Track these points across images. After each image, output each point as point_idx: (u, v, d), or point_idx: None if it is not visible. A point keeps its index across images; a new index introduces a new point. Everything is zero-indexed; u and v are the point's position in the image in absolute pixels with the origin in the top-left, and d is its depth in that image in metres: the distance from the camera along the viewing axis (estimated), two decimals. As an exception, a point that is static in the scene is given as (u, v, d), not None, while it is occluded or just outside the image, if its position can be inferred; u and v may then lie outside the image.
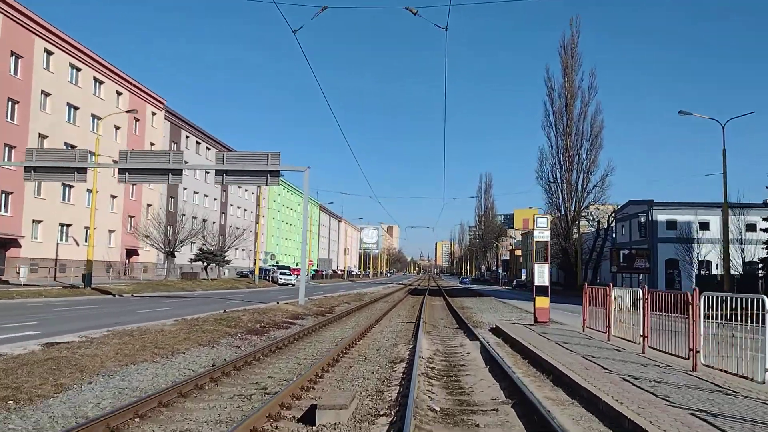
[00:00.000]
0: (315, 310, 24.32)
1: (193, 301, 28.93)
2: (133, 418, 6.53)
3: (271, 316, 20.11)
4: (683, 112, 31.69)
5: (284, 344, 13.43)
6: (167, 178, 26.65)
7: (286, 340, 13.94)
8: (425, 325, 19.56)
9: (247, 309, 21.80)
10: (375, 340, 15.19)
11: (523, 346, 12.32)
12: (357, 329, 17.32)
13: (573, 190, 65.01)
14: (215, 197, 72.54)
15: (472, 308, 29.97)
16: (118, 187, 48.41)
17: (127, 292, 34.91)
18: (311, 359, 11.65)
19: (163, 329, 14.55)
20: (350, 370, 10.49)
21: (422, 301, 33.57)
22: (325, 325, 18.67)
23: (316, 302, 29.21)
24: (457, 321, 21.57)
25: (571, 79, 65.84)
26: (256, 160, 26.31)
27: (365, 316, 23.11)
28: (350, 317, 22.59)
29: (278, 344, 13.10)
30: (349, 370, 10.49)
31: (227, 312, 20.15)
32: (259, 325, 17.16)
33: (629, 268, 43.64)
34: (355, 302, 32.62)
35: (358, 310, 26.52)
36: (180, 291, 38.94)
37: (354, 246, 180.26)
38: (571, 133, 65.50)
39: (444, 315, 25.42)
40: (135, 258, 51.41)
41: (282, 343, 13.37)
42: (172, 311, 22.14)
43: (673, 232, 61.35)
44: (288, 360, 11.52)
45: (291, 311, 22.62)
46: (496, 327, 17.21)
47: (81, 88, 43.48)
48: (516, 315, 24.34)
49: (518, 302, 36.75)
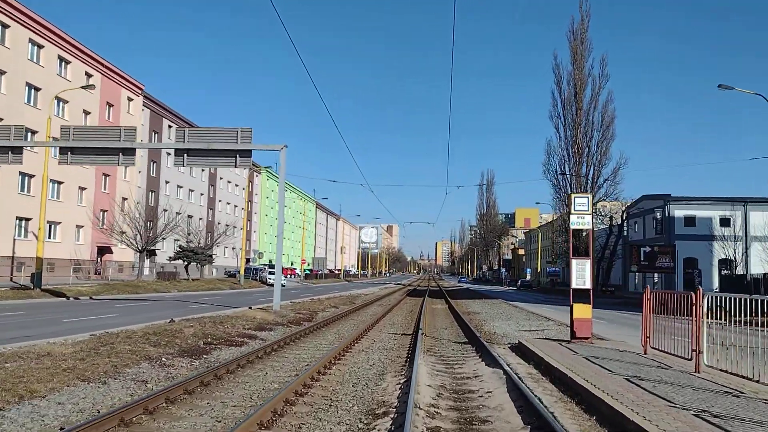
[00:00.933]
0: (291, 318, 20.01)
1: (152, 306, 24.64)
2: None
3: (229, 327, 15.80)
4: (723, 86, 27.43)
5: (218, 376, 9.14)
6: (117, 159, 22.35)
7: (226, 367, 9.67)
8: (425, 338, 15.26)
9: (204, 317, 17.50)
10: (355, 366, 10.89)
11: (575, 383, 8.02)
12: (335, 346, 13.05)
13: (583, 184, 60.80)
14: (202, 192, 68.20)
15: (480, 314, 25.66)
16: (88, 178, 44.10)
17: (86, 294, 30.65)
18: (242, 408, 7.36)
19: (52, 351, 10.25)
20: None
21: (422, 304, 29.28)
22: (296, 340, 14.37)
23: (296, 307, 24.91)
24: (465, 332, 17.26)
25: (580, 65, 61.35)
26: (224, 138, 22.02)
27: (351, 325, 18.80)
28: (332, 327, 18.28)
29: (209, 376, 8.83)
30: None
31: (174, 322, 15.86)
32: (203, 342, 12.85)
33: (650, 267, 39.38)
34: (344, 306, 28.33)
35: (345, 316, 22.23)
36: (151, 293, 34.67)
37: (353, 245, 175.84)
38: (580, 124, 61.22)
39: (448, 323, 21.11)
40: (108, 256, 47.08)
41: (216, 375, 9.09)
42: (112, 320, 17.83)
43: (692, 228, 57.21)
44: (201, 412, 7.20)
45: (259, 320, 18.32)
46: (520, 344, 12.90)
47: (43, 68, 39.14)
48: (536, 324, 20.01)
49: (532, 306, 32.43)
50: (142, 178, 53.53)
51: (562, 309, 30.74)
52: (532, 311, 26.91)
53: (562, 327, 18.33)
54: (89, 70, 44.06)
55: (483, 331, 17.62)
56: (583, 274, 12.46)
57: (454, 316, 23.70)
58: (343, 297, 36.76)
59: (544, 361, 10.09)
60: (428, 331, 17.77)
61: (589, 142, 61.19)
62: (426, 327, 18.70)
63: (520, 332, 17.10)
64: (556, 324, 19.44)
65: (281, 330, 16.63)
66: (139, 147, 23.97)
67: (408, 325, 19.42)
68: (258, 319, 18.47)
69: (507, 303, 34.43)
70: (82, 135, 22.51)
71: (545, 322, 20.32)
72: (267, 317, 19.09)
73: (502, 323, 20.36)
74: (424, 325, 18.89)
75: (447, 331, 17.94)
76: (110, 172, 46.62)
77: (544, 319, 21.77)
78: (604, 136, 60.40)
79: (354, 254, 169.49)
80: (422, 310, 24.47)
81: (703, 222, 57.20)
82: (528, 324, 19.89)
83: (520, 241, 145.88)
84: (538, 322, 20.47)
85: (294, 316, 20.60)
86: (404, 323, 20.30)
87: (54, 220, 40.11)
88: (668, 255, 39.13)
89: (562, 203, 63.21)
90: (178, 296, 33.05)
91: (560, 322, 20.23)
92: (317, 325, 17.69)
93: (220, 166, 22.53)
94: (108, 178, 46.65)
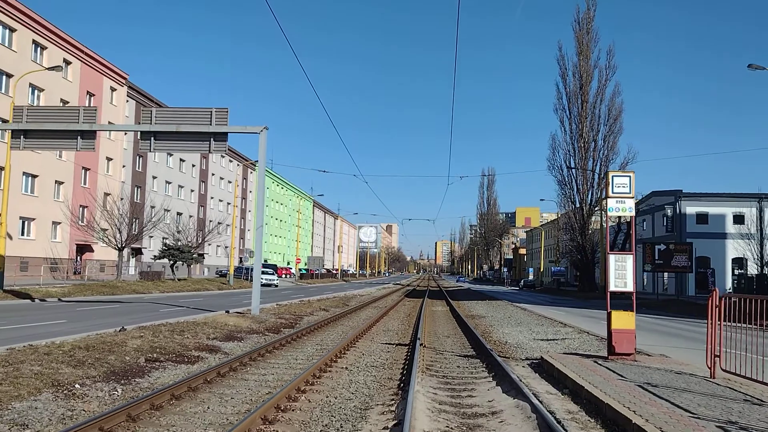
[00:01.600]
0: (270, 324, 17.39)
1: (118, 309, 22.01)
2: None
3: (190, 336, 13.20)
4: (754, 66, 24.85)
5: (132, 417, 6.50)
6: (76, 143, 19.72)
7: (151, 401, 7.03)
8: (423, 351, 12.64)
9: (163, 324, 14.90)
10: (332, 395, 8.26)
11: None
12: (313, 362, 10.47)
13: (589, 179, 58.24)
14: (192, 188, 65.53)
15: (485, 318, 23.05)
16: (66, 172, 41.47)
17: (55, 295, 27.98)
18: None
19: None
20: None
21: (421, 307, 26.68)
22: (267, 354, 11.74)
23: (280, 310, 22.31)
24: (471, 341, 14.64)
25: (586, 56, 59.03)
26: (196, 119, 19.41)
27: (339, 333, 16.19)
28: (316, 335, 15.66)
29: (118, 417, 6.21)
30: None
31: (124, 330, 13.26)
32: (146, 359, 10.24)
33: (666, 266, 36.75)
34: (335, 309, 25.73)
35: (334, 321, 19.62)
36: (129, 294, 32.01)
37: (352, 244, 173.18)
38: (586, 117, 58.74)
39: (450, 330, 18.48)
40: (89, 255, 44.44)
41: (129, 415, 6.46)
42: (56, 328, 15.17)
43: (704, 226, 54.60)
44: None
45: (231, 326, 15.71)
46: (543, 361, 10.29)
47: (16, 53, 36.52)
48: (552, 331, 17.37)
49: (540, 308, 29.82)
50: (127, 173, 50.91)
51: (574, 312, 28.15)
52: (543, 315, 24.29)
53: (584, 336, 15.72)
54: (68, 56, 41.43)
55: (492, 340, 15.02)
56: (623, 273, 9.86)
57: (457, 321, 21.10)
58: (337, 298, 34.16)
59: (585, 391, 7.47)
60: (428, 340, 15.17)
61: (595, 136, 58.62)
62: (425, 335, 16.10)
63: (536, 342, 14.48)
64: (576, 331, 16.83)
65: (253, 340, 14.01)
66: (100, 129, 21.32)
67: (404, 333, 16.82)
68: (230, 325, 15.86)
69: (513, 305, 31.81)
70: (37, 116, 19.87)
71: (562, 329, 17.71)
72: (241, 323, 16.46)
73: (513, 330, 17.73)
74: (423, 333, 16.29)
75: (450, 340, 15.32)
76: (90, 166, 43.97)
77: (560, 325, 19.16)
78: (612, 129, 57.80)
79: (353, 254, 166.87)
80: (421, 314, 21.88)
81: (716, 219, 54.60)
82: (543, 331, 17.26)
83: (522, 241, 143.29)
84: (554, 329, 17.84)
85: (274, 322, 17.97)
86: (400, 330, 17.70)
87: (27, 216, 37.52)
88: (685, 253, 36.48)
89: (567, 200, 60.56)
90: (157, 298, 30.44)
91: (580, 329, 17.62)
92: (299, 333, 15.07)
93: (192, 151, 19.92)
94: (88, 172, 44.00)
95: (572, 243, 59.10)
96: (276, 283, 54.08)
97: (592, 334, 15.98)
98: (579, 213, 57.59)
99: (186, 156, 62.66)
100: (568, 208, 60.15)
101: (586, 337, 15.38)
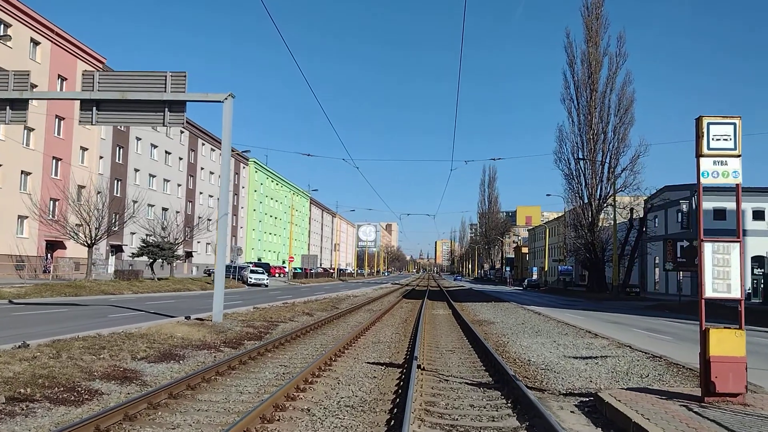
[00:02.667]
0: (232, 335, 14.03)
1: (63, 314, 18.63)
2: None
3: (108, 357, 9.85)
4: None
5: None
6: (5, 115, 16.36)
7: None
8: (422, 377, 9.29)
9: (87, 338, 11.58)
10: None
11: None
12: (263, 400, 7.14)
13: (598, 173, 54.91)
14: (179, 183, 62.14)
15: (494, 323, 19.68)
16: (33, 162, 38.10)
17: (8, 296, 24.67)
18: None
19: None
20: None
21: (419, 310, 23.34)
22: (204, 383, 8.39)
23: (253, 316, 18.95)
24: (485, 361, 11.27)
25: (595, 43, 55.72)
26: (148, 84, 16.04)
27: (316, 347, 12.84)
28: (286, 350, 12.29)
29: None
30: None
31: (25, 347, 9.94)
32: (9, 397, 6.88)
33: (689, 265, 33.33)
34: (322, 313, 22.40)
35: (315, 329, 16.27)
36: (97, 295, 28.67)
37: (351, 243, 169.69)
38: (595, 107, 55.42)
39: (455, 340, 15.10)
40: (61, 252, 41.10)
41: None
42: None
43: (722, 222, 51.19)
44: None
45: (178, 339, 12.35)
46: (603, 403, 6.90)
47: (-27, 29, 33.22)
48: (582, 344, 13.96)
49: (554, 312, 26.48)
50: (105, 164, 47.52)
51: (593, 316, 24.77)
52: (561, 320, 20.95)
53: (627, 352, 12.36)
54: (36, 36, 38.05)
55: (510, 357, 11.68)
56: (726, 271, 6.51)
57: (462, 329, 17.76)
58: (327, 300, 30.82)
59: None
60: (427, 356, 11.81)
61: (605, 127, 55.21)
62: (424, 349, 12.75)
63: (568, 361, 11.12)
64: (614, 345, 13.45)
65: (198, 359, 10.64)
66: (32, 98, 17.94)
67: (399, 346, 13.47)
68: (176, 338, 12.50)
69: (522, 307, 28.47)
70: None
71: (594, 341, 14.33)
72: (193, 335, 13.10)
73: (533, 341, 14.36)
74: (422, 346, 12.95)
75: (455, 357, 11.94)
76: (62, 156, 40.61)
77: (588, 335, 15.77)
78: (622, 120, 54.35)
79: (351, 252, 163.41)
80: (420, 319, 18.54)
81: (734, 215, 51.09)
82: (571, 343, 13.87)
83: (524, 239, 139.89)
84: (584, 340, 14.45)
85: (238, 332, 14.61)
86: (394, 341, 14.34)
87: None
88: (710, 250, 32.98)
89: (574, 195, 57.09)
90: (124, 300, 27.12)
91: (617, 341, 14.24)
92: (264, 348, 11.73)
93: (142, 123, 16.53)
94: (60, 163, 40.62)
95: (580, 241, 55.74)
96: (266, 282, 50.76)
97: (638, 349, 12.62)
98: (587, 209, 54.28)
99: (172, 148, 59.32)
100: (575, 204, 56.82)
101: (630, 354, 12.02)
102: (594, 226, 54.03)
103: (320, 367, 9.87)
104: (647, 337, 16.19)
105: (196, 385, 8.18)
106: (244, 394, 7.93)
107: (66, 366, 8.72)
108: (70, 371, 8.43)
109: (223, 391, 8.07)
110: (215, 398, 7.60)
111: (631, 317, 25.09)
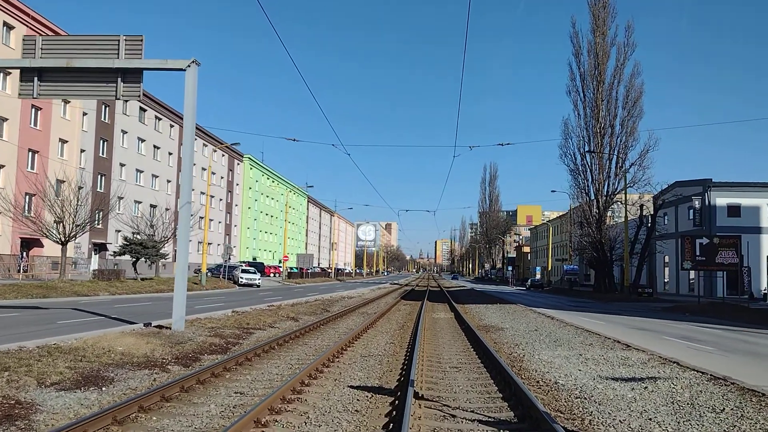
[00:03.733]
0: (191, 347, 11.60)
1: (10, 319, 16.19)
2: None
3: (10, 381, 7.45)
4: None
5: None
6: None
7: None
8: (420, 411, 6.88)
9: (18, 351, 9.21)
10: None
11: None
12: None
13: (606, 168, 52.45)
14: (169, 179, 59.75)
15: (504, 330, 17.25)
16: (7, 154, 35.66)
17: (-37, 298, 22.33)
18: None
19: None
20: None
21: (419, 313, 20.92)
22: (114, 425, 5.98)
23: (228, 321, 16.53)
24: (500, 385, 8.85)
25: (602, 33, 53.22)
26: (98, 50, 13.65)
27: (290, 364, 10.42)
28: (250, 369, 9.86)
29: None
30: None
31: None
32: None
33: (710, 263, 30.96)
34: (309, 317, 20.03)
35: (295, 339, 13.86)
36: (68, 297, 26.36)
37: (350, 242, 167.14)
38: (602, 100, 52.95)
39: (461, 353, 12.66)
40: (38, 251, 38.66)
41: None
42: None
43: (737, 219, 48.86)
44: None
45: (116, 355, 9.95)
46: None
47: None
48: (616, 358, 11.50)
49: (566, 315, 24.07)
50: (87, 158, 45.05)
51: (612, 320, 22.18)
52: (579, 325, 18.53)
53: (676, 370, 9.95)
54: (9, 20, 35.61)
55: (533, 379, 9.27)
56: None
57: (468, 336, 15.35)
58: (319, 302, 28.42)
59: None
60: (427, 376, 9.40)
61: (612, 120, 52.65)
62: (423, 365, 10.34)
63: (607, 384, 8.69)
64: (656, 360, 11.02)
65: (132, 383, 8.20)
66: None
67: (393, 361, 11.06)
68: (117, 352, 10.10)
69: (531, 310, 26.05)
70: None
71: (630, 354, 11.88)
72: (138, 348, 10.67)
73: (554, 354, 11.93)
74: (421, 362, 10.55)
75: (462, 378, 9.51)
76: (39, 148, 38.16)
77: (619, 346, 13.28)
78: (630, 113, 51.77)
79: (350, 252, 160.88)
80: (419, 325, 16.13)
81: (749, 211, 48.86)
82: (602, 358, 11.43)
83: (525, 239, 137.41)
84: (615, 353, 12.01)
85: (201, 342, 12.19)
86: (387, 353, 11.93)
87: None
88: (732, 248, 30.64)
89: (580, 191, 54.54)
90: (97, 301, 24.77)
91: (658, 354, 11.78)
92: (224, 366, 9.34)
93: (92, 96, 14.08)
94: (36, 156, 38.17)
95: (587, 238, 53.32)
96: (258, 283, 48.37)
97: (689, 367, 10.19)
98: (594, 205, 51.84)
99: (161, 143, 56.89)
100: (581, 200, 54.41)
101: (683, 374, 9.58)
102: (601, 223, 51.59)
103: (285, 396, 7.47)
104: (686, 348, 13.74)
105: (101, 429, 5.77)
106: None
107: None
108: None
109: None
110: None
111: (653, 321, 22.67)
